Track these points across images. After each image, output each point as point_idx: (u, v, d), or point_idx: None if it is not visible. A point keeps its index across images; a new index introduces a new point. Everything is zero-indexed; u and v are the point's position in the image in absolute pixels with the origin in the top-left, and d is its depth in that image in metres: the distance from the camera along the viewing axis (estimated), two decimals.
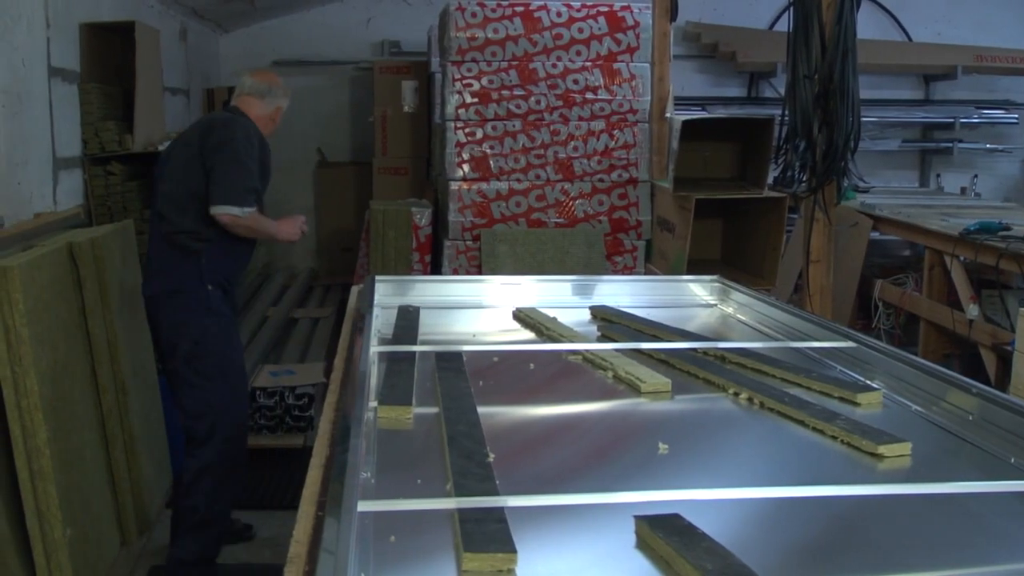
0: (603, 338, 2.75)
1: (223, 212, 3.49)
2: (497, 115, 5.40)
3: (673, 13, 5.61)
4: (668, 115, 5.57)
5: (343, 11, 7.76)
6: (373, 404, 2.04)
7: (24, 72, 3.63)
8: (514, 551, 1.33)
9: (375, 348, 2.43)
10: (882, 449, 1.79)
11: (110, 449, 3.61)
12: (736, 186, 5.03)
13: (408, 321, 2.84)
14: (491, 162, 5.41)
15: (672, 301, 3.29)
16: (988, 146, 7.71)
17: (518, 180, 5.43)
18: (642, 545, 1.42)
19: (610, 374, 2.34)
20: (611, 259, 5.47)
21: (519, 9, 5.39)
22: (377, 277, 3.18)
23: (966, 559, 1.46)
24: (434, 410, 2.02)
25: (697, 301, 3.34)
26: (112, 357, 3.69)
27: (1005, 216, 5.00)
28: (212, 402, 3.64)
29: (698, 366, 2.35)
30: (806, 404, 2.05)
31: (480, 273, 5.24)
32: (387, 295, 3.14)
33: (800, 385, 2.24)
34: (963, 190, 7.35)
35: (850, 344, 2.49)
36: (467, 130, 5.41)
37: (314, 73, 7.73)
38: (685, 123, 4.83)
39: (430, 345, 2.57)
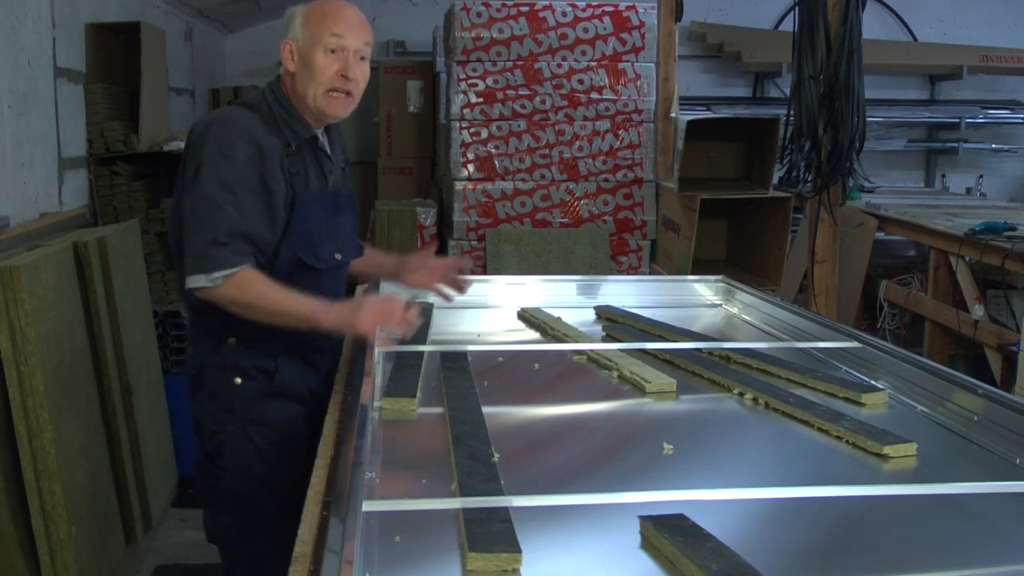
0: (608, 338, 2.75)
1: (192, 286, 2.22)
2: (502, 115, 5.40)
3: (678, 13, 5.60)
4: (673, 115, 5.56)
5: None
6: (378, 404, 2.04)
7: (30, 72, 3.63)
8: (519, 551, 1.34)
9: (379, 348, 2.43)
10: (887, 450, 1.79)
11: (115, 448, 3.61)
12: (741, 186, 5.02)
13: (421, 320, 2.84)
14: (496, 162, 5.41)
15: (677, 301, 3.30)
16: (994, 146, 7.69)
17: (523, 180, 5.43)
18: (647, 545, 1.42)
19: (615, 374, 2.34)
20: (616, 259, 5.46)
21: (524, 9, 5.38)
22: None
23: (971, 560, 1.45)
24: (439, 410, 2.02)
25: (702, 301, 3.34)
26: (118, 357, 3.70)
27: (1010, 216, 4.99)
28: (230, 541, 2.46)
29: (703, 366, 2.35)
30: (811, 404, 2.05)
31: (485, 273, 5.24)
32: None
33: (805, 385, 2.23)
34: (968, 190, 7.34)
35: (855, 344, 2.49)
36: (472, 130, 5.41)
37: None
38: (690, 123, 4.83)
39: (435, 345, 2.57)
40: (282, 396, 2.39)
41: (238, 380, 2.36)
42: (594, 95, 5.42)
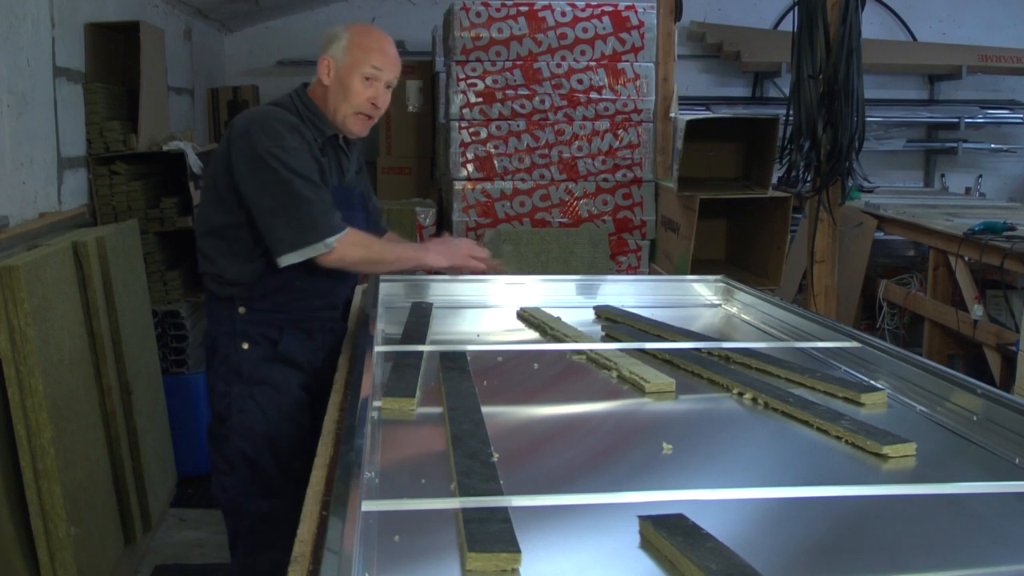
0: (607, 338, 2.75)
1: (295, 260, 2.53)
2: (501, 115, 5.40)
3: (677, 13, 5.60)
4: (672, 115, 5.56)
5: (348, 11, 7.76)
6: (378, 404, 2.04)
7: (29, 72, 3.63)
8: (518, 551, 1.33)
9: (379, 348, 2.43)
10: (886, 449, 1.79)
11: (114, 448, 3.61)
12: (741, 186, 5.02)
13: (419, 318, 2.85)
14: (495, 162, 5.41)
15: (676, 301, 3.30)
16: (993, 146, 7.69)
17: (522, 180, 5.43)
18: (646, 545, 1.42)
19: (614, 374, 2.34)
20: (615, 259, 5.46)
21: (523, 9, 5.39)
22: (382, 277, 3.18)
23: (970, 560, 1.45)
24: (438, 410, 2.02)
25: (701, 301, 3.34)
26: (117, 356, 3.69)
27: (1010, 216, 4.99)
28: (236, 502, 2.71)
29: (702, 366, 2.35)
30: (810, 404, 2.05)
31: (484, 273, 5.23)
32: (392, 295, 3.14)
33: (804, 385, 2.23)
34: (968, 190, 7.34)
35: (854, 344, 2.49)
36: (471, 130, 5.41)
37: None
38: (690, 123, 4.83)
39: (434, 345, 2.57)
40: (283, 362, 2.69)
41: (245, 345, 2.67)
42: (593, 95, 5.42)
